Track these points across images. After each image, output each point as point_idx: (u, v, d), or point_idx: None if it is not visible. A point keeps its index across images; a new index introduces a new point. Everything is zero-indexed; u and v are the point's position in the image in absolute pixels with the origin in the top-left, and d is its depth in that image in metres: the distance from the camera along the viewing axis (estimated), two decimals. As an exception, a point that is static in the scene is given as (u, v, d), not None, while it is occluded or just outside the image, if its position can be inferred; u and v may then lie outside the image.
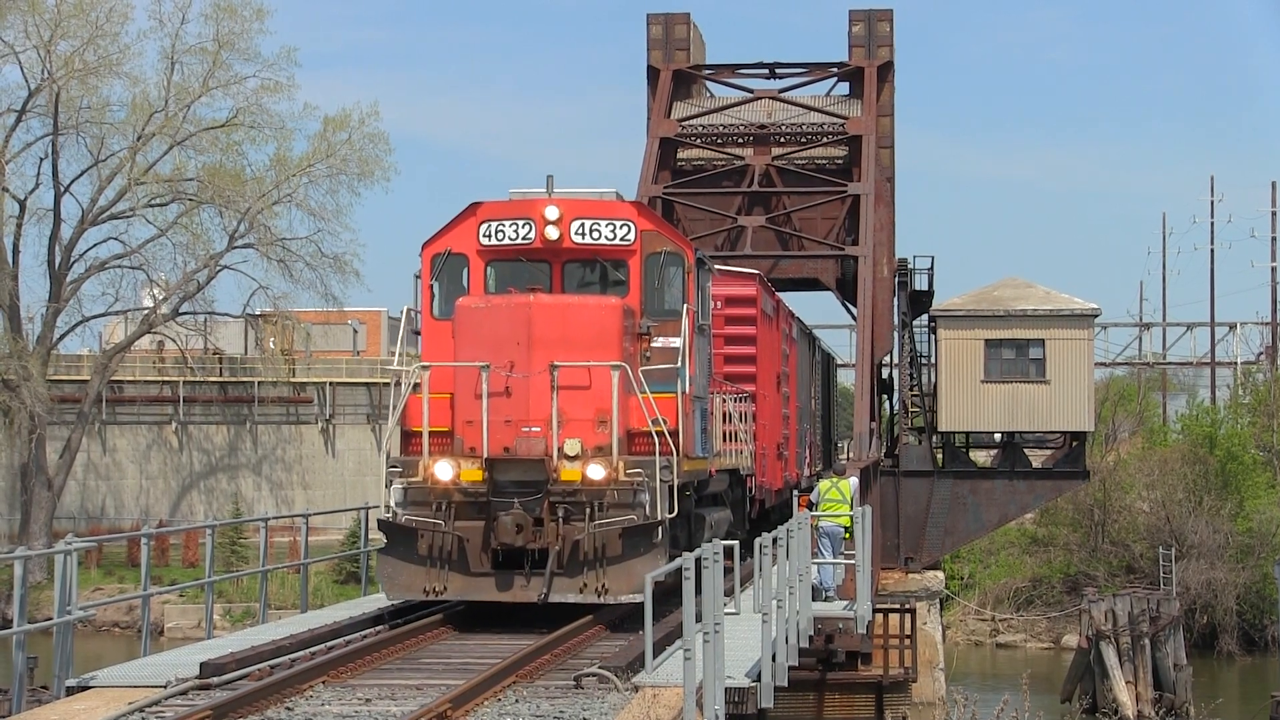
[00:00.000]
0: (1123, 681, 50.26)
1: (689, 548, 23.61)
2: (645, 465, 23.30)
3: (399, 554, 23.50)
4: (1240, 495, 69.53)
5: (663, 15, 55.15)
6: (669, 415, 23.81)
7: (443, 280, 25.27)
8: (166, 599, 61.03)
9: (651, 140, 52.42)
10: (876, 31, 54.76)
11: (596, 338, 23.71)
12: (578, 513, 23.23)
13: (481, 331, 23.78)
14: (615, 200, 25.75)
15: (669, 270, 25.06)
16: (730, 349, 33.52)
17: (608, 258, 25.05)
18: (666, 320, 24.79)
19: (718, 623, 17.17)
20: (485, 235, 25.00)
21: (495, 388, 23.51)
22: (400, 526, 23.55)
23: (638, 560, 22.77)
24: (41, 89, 71.12)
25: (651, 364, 24.34)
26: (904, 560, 50.18)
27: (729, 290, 33.81)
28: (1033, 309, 53.09)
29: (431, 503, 23.54)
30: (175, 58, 73.40)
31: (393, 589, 23.77)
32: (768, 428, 35.36)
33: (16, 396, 69.40)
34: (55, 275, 72.00)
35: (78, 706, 17.98)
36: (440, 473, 23.45)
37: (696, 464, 25.27)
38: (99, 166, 72.66)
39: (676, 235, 25.67)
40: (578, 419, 23.56)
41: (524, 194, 25.75)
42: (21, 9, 70.66)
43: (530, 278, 24.68)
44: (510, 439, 23.49)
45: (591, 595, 22.99)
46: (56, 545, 20.70)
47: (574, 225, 24.75)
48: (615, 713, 17.21)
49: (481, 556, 23.34)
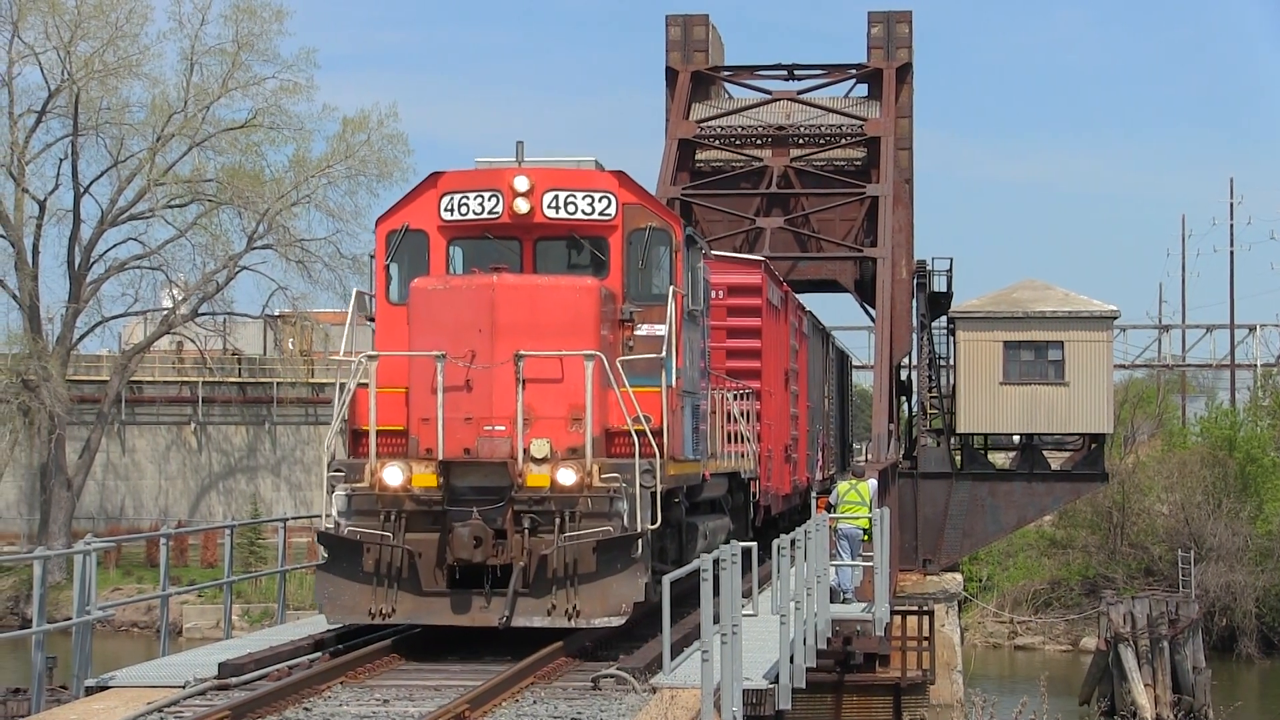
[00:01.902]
0: (1141, 684, 50.18)
1: (679, 562, 22.45)
2: (624, 469, 20.47)
3: (341, 571, 20.54)
4: (1260, 498, 69.41)
5: (681, 17, 55.14)
6: (653, 412, 21.09)
7: (402, 261, 22.37)
8: (185, 599, 61.10)
9: (670, 141, 52.40)
10: (895, 33, 54.69)
11: (569, 324, 20.94)
12: (546, 524, 20.35)
13: (439, 317, 21.00)
14: (594, 170, 22.69)
15: (655, 249, 22.20)
16: (733, 342, 31.21)
17: (585, 234, 22.17)
18: (652, 305, 22.01)
19: (736, 624, 17.15)
20: (447, 209, 22.20)
21: (454, 381, 20.72)
22: (343, 539, 20.63)
23: (614, 578, 20.08)
24: (61, 90, 71.30)
25: (635, 354, 21.63)
26: (922, 562, 50.14)
27: (731, 278, 31.19)
28: (1052, 311, 53.01)
29: (379, 512, 20.62)
30: (195, 59, 73.55)
31: (333, 611, 20.74)
32: (774, 428, 32.92)
33: (36, 397, 69.57)
34: (75, 276, 72.16)
35: (97, 706, 18.00)
36: (389, 478, 20.59)
37: (686, 467, 22.59)
38: (118, 167, 72.80)
39: (663, 209, 22.72)
40: (548, 417, 20.85)
41: (491, 163, 22.86)
42: (42, 10, 70.82)
43: (499, 257, 21.91)
44: (471, 439, 20.75)
45: (561, 618, 20.11)
46: (75, 545, 20.74)
47: (546, 197, 21.95)
48: (633, 714, 17.18)
49: (436, 574, 20.44)
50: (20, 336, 72.30)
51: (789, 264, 48.48)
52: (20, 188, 71.29)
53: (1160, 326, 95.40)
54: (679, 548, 23.24)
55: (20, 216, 71.18)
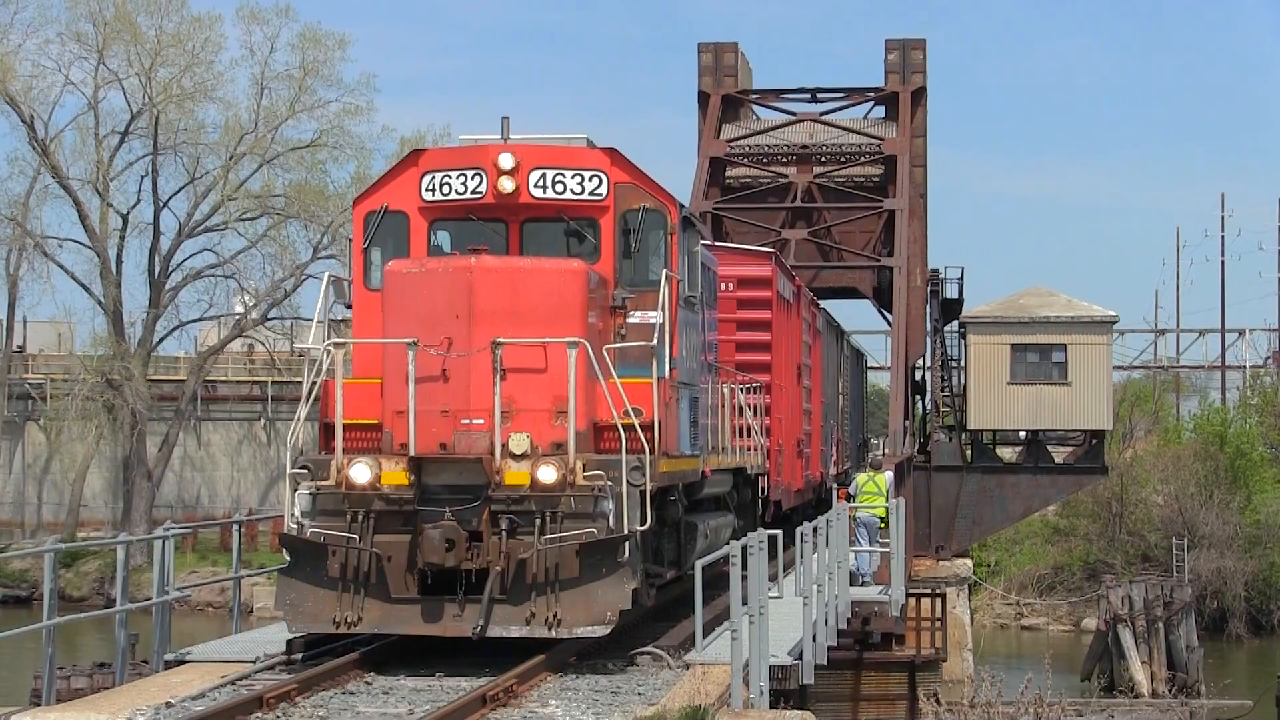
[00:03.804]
0: (1138, 662, 49.91)
1: (678, 563, 20.57)
2: (610, 466, 17.53)
3: (304, 576, 17.66)
4: (1249, 490, 69.05)
5: (713, 44, 55.12)
6: (646, 405, 18.08)
7: (382, 244, 19.49)
8: (256, 581, 61.06)
9: (702, 159, 52.39)
10: (910, 59, 54.60)
11: (554, 310, 18.01)
12: (525, 525, 17.42)
13: (414, 302, 18.09)
14: (585, 147, 19.71)
15: (649, 231, 19.33)
16: (742, 335, 28.65)
17: (575, 215, 19.24)
18: (646, 291, 19.08)
19: (763, 605, 17.15)
20: (428, 189, 19.31)
21: (429, 371, 17.81)
22: (306, 542, 17.73)
23: (598, 584, 17.19)
24: (142, 113, 71.51)
25: (627, 343, 18.71)
26: (935, 548, 49.99)
27: (741, 270, 28.91)
28: (1055, 316, 52.85)
29: (346, 512, 17.67)
30: (264, 84, 73.67)
31: (295, 619, 17.81)
32: (785, 422, 30.54)
33: (120, 395, 70.05)
34: (155, 283, 72.38)
35: (175, 679, 18.07)
36: (356, 475, 17.62)
37: (682, 463, 19.72)
38: (194, 184, 73.00)
39: (658, 189, 19.52)
40: (531, 409, 17.87)
41: (475, 140, 19.94)
42: (125, 40, 71.11)
43: (485, 241, 18.99)
44: (448, 433, 17.83)
45: (541, 628, 17.27)
46: (155, 531, 20.78)
47: (533, 176, 19.00)
48: (668, 688, 17.16)
49: (407, 579, 17.47)
50: (105, 339, 72.85)
51: (812, 272, 48.43)
52: (105, 203, 71.59)
53: (1156, 331, 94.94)
54: (677, 547, 20.69)
55: (105, 229, 71.48)
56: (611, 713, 16.06)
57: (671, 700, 16.17)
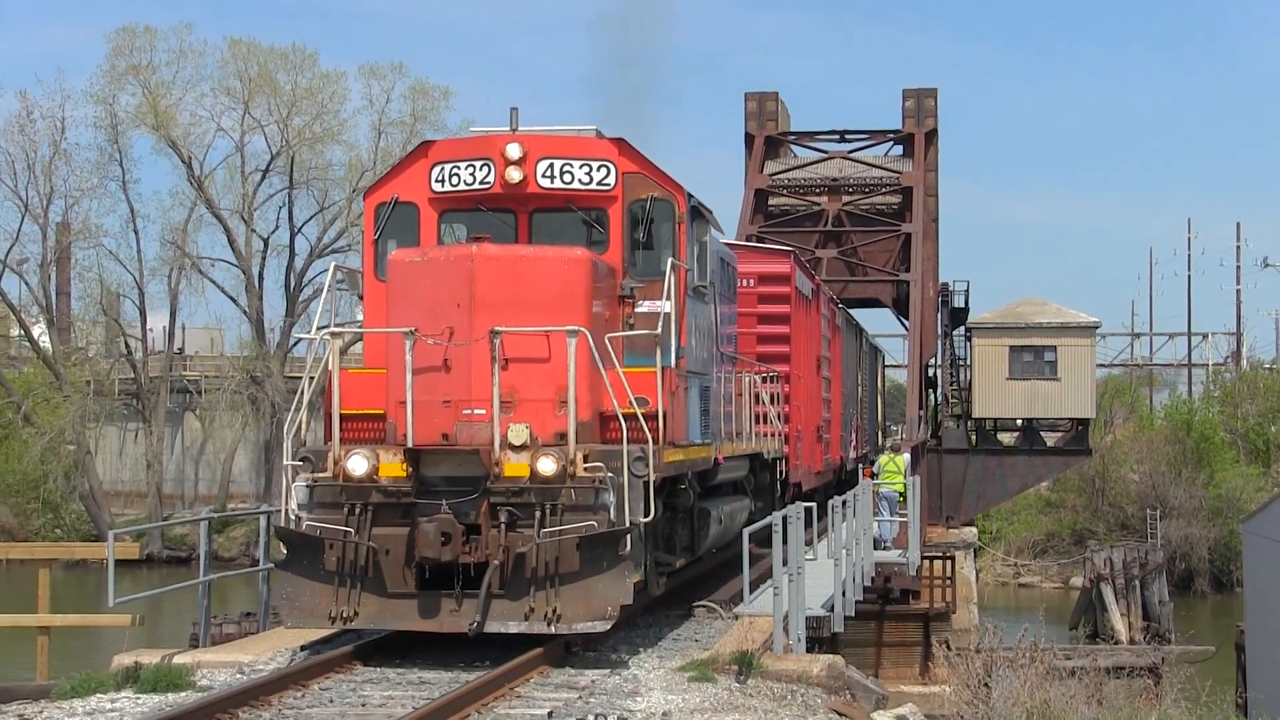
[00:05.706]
0: (1118, 614, 49.68)
1: (691, 549, 18.18)
2: (612, 456, 14.82)
3: (300, 569, 14.95)
4: (1211, 469, 68.68)
5: (757, 93, 54.96)
6: (652, 394, 15.43)
7: (392, 235, 16.95)
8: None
9: (748, 191, 52.27)
10: (924, 105, 54.29)
11: (558, 299, 15.34)
12: (525, 518, 14.75)
13: (417, 291, 15.47)
14: (593, 137, 17.01)
15: (657, 221, 16.62)
16: (763, 328, 26.32)
17: (583, 205, 16.58)
18: (655, 281, 16.36)
19: (800, 566, 17.09)
20: (438, 180, 16.71)
21: (431, 360, 15.15)
22: (303, 535, 15.02)
23: (599, 578, 14.49)
24: (280, 154, 72.04)
25: (636, 332, 16.10)
26: (945, 518, 49.81)
27: (762, 268, 26.76)
28: (1047, 322, 52.72)
29: (343, 505, 15.04)
30: (381, 128, 74.11)
31: (292, 614, 15.05)
32: (804, 409, 28.14)
33: (261, 389, 70.68)
34: (290, 296, 72.87)
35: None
36: (353, 467, 15.03)
37: (691, 452, 16.96)
38: (323, 212, 73.47)
39: (666, 178, 16.74)
40: (534, 399, 15.19)
41: (484, 131, 17.29)
42: (266, 93, 71.74)
43: (493, 231, 16.32)
44: (450, 424, 15.15)
45: (540, 623, 14.55)
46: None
47: (541, 166, 16.39)
48: (721, 635, 17.14)
49: (404, 573, 14.80)
50: (249, 343, 73.61)
51: (841, 284, 48.27)
52: (250, 229, 72.22)
53: (1133, 334, 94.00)
54: (690, 534, 18.10)
55: (249, 251, 72.13)
56: (673, 656, 16.04)
57: (723, 646, 16.14)
